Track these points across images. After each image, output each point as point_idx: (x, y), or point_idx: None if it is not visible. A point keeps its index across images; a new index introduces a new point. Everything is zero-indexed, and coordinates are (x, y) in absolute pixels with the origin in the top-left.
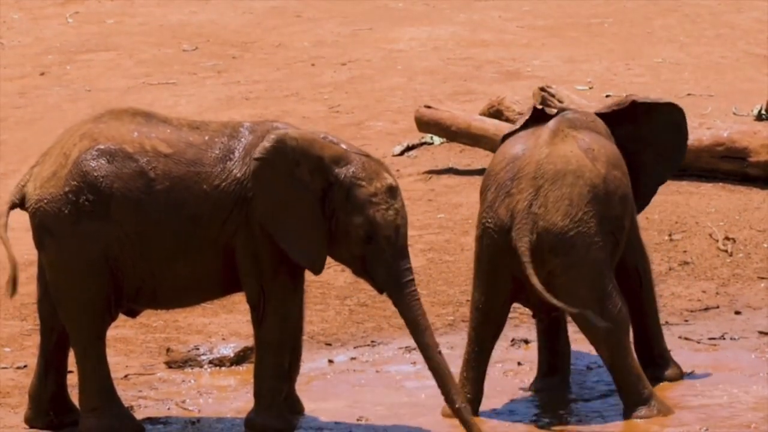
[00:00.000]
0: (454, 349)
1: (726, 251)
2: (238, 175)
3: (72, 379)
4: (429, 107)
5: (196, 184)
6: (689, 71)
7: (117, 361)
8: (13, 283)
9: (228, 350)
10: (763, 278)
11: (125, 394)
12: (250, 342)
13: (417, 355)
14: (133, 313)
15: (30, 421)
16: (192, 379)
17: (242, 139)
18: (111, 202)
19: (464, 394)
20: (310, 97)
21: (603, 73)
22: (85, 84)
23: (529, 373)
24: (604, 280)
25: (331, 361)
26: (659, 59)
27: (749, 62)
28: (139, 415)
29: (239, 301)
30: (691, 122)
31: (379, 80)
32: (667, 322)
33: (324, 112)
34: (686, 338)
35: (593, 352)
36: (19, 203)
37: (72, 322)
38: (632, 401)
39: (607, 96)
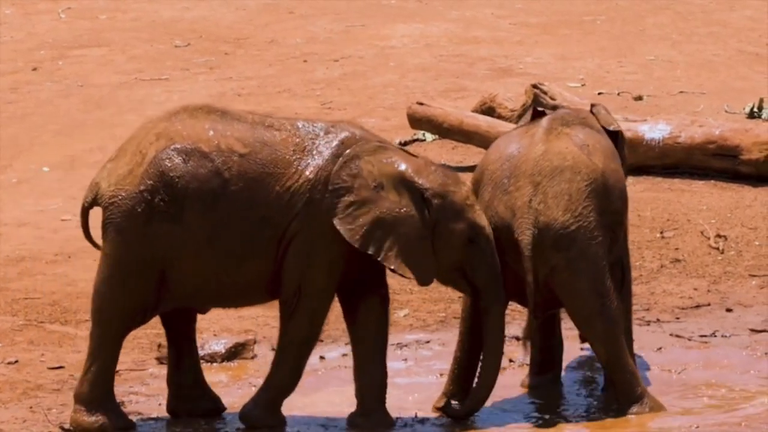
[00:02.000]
0: (445, 346)
1: (717, 249)
2: (310, 177)
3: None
4: (421, 104)
5: (269, 185)
6: (681, 69)
7: None
8: None
9: (219, 346)
10: (754, 276)
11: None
12: (241, 338)
13: (408, 352)
14: (202, 311)
15: (171, 409)
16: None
17: (315, 140)
18: (186, 202)
19: (456, 390)
20: (302, 93)
21: (595, 71)
22: (77, 79)
23: (520, 370)
24: (603, 275)
25: (322, 358)
26: (651, 57)
27: (741, 60)
28: (130, 410)
29: None
30: (683, 120)
31: (372, 77)
32: (658, 320)
33: (316, 108)
34: (677, 336)
35: (585, 348)
36: (92, 202)
37: (101, 314)
38: (626, 399)
39: (599, 93)
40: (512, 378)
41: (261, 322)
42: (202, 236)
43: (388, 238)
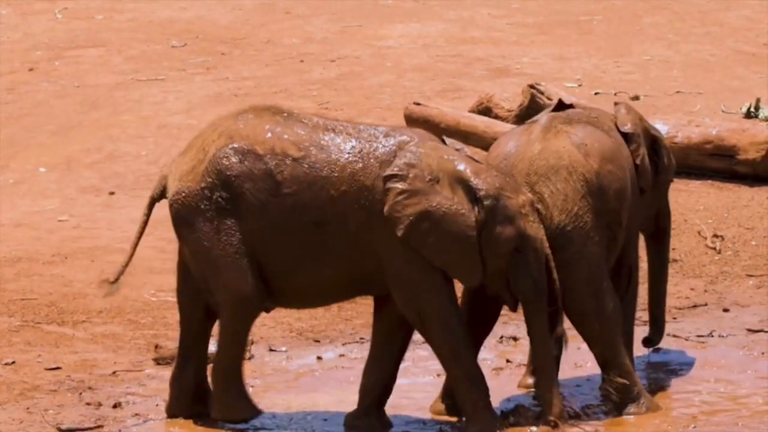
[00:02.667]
0: None
1: (714, 249)
2: (366, 182)
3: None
4: (418, 104)
5: (323, 189)
6: (678, 69)
7: (105, 358)
8: (114, 281)
9: (216, 347)
10: (751, 276)
11: (113, 390)
12: None
13: (406, 352)
14: (265, 309)
15: (171, 411)
16: None
17: (375, 144)
18: (241, 202)
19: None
20: (299, 93)
21: (592, 71)
22: (73, 80)
23: (517, 371)
24: (600, 275)
25: (319, 358)
26: (648, 57)
27: (738, 60)
28: (127, 411)
29: None
30: (680, 120)
31: (369, 77)
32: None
33: (313, 108)
34: (675, 335)
35: (583, 348)
36: (159, 195)
37: (225, 307)
38: (622, 399)
39: (596, 93)
40: (509, 379)
41: (257, 323)
42: (258, 237)
43: (434, 232)
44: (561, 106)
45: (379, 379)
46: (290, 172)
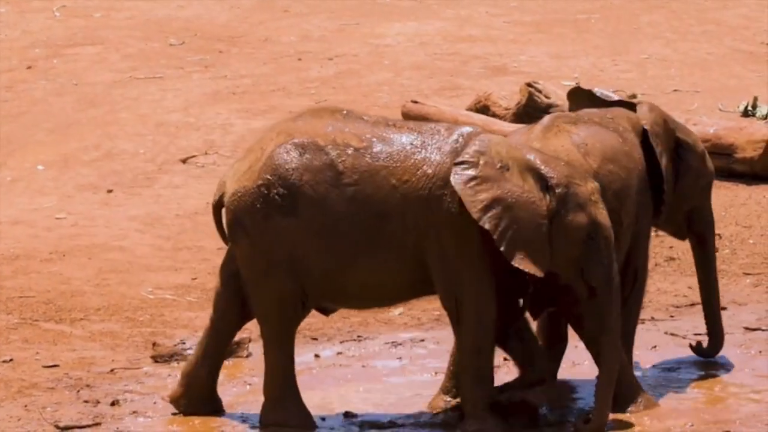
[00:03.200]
0: (440, 344)
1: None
2: (429, 172)
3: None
4: (416, 102)
5: (384, 179)
6: (675, 67)
7: (103, 355)
8: None
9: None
10: (748, 274)
11: (111, 388)
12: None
13: (403, 350)
14: (325, 311)
15: (182, 407)
16: (178, 373)
17: (437, 137)
18: (300, 196)
19: (450, 386)
20: (296, 91)
21: (589, 69)
22: (71, 78)
23: (514, 369)
24: None
25: (317, 356)
26: (646, 55)
27: (735, 59)
28: (125, 409)
29: None
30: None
31: (366, 75)
32: (653, 318)
33: (311, 107)
34: (672, 334)
35: (580, 347)
36: (219, 200)
37: (262, 316)
38: (618, 397)
39: None
40: (506, 377)
41: (256, 321)
42: (317, 230)
43: (505, 218)
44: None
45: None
46: (352, 162)
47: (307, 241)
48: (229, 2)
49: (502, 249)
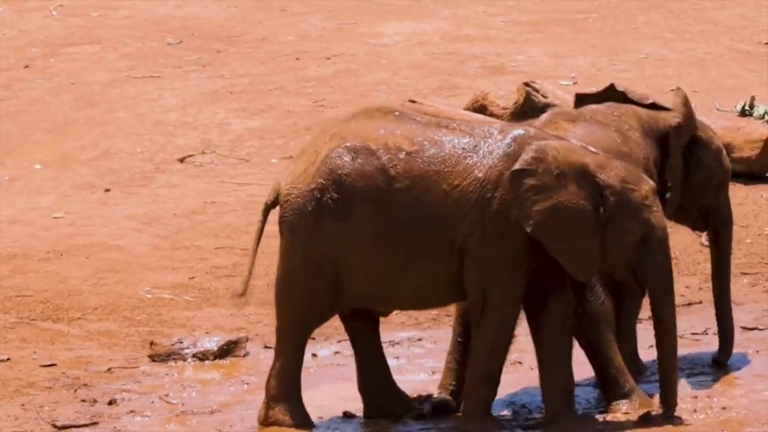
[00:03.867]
0: (437, 343)
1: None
2: (480, 175)
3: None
4: (413, 102)
5: (436, 183)
6: (673, 67)
7: (100, 354)
8: (242, 293)
9: (212, 344)
10: (745, 274)
11: (109, 387)
12: (233, 336)
13: (400, 350)
14: (383, 314)
15: (366, 414)
16: (175, 372)
17: (489, 140)
18: (353, 200)
19: (447, 384)
20: (294, 91)
21: (587, 69)
22: (69, 77)
23: (512, 368)
24: None
25: (314, 355)
26: (643, 55)
27: (733, 58)
28: (122, 408)
29: (223, 294)
30: None
31: (364, 75)
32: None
33: (308, 106)
34: None
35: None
36: (273, 202)
37: (285, 314)
38: (613, 395)
39: None
40: (504, 376)
41: (253, 320)
42: (369, 234)
43: (561, 227)
44: (612, 90)
45: (555, 383)
46: (404, 167)
47: (358, 244)
48: (226, 1)
49: (555, 256)
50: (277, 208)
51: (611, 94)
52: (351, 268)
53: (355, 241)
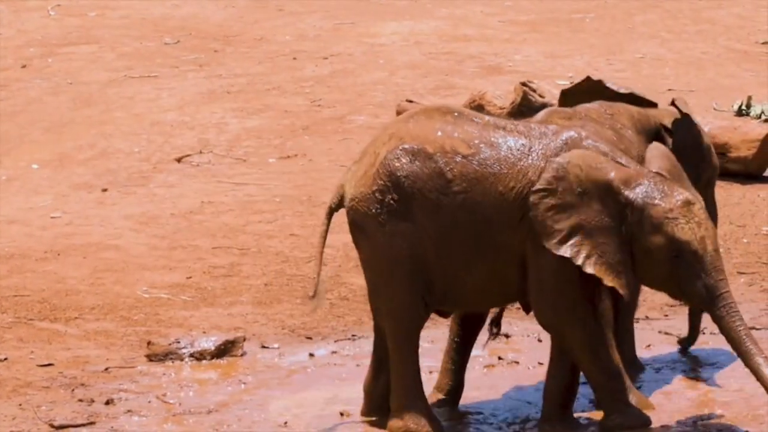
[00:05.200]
0: (434, 343)
1: None
2: (533, 178)
3: None
4: (411, 101)
5: (492, 186)
6: (670, 67)
7: (98, 354)
8: (314, 295)
9: (209, 344)
10: (742, 273)
11: (106, 386)
12: (230, 335)
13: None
14: (444, 314)
15: (366, 416)
16: (172, 372)
17: (543, 141)
18: (413, 202)
19: (444, 384)
20: (291, 90)
21: (584, 68)
22: (66, 77)
23: (509, 368)
24: None
25: (311, 355)
26: (640, 55)
27: (730, 58)
28: (119, 408)
29: (220, 294)
30: None
31: (361, 74)
32: (647, 317)
33: (306, 106)
34: (666, 333)
35: None
36: (338, 205)
37: (387, 319)
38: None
39: None
40: (502, 376)
41: (250, 320)
42: (431, 236)
43: (587, 244)
44: (589, 81)
45: (555, 383)
46: (460, 170)
47: (424, 245)
48: (224, 1)
49: (588, 271)
50: (342, 210)
51: (590, 86)
52: (424, 266)
53: (421, 241)
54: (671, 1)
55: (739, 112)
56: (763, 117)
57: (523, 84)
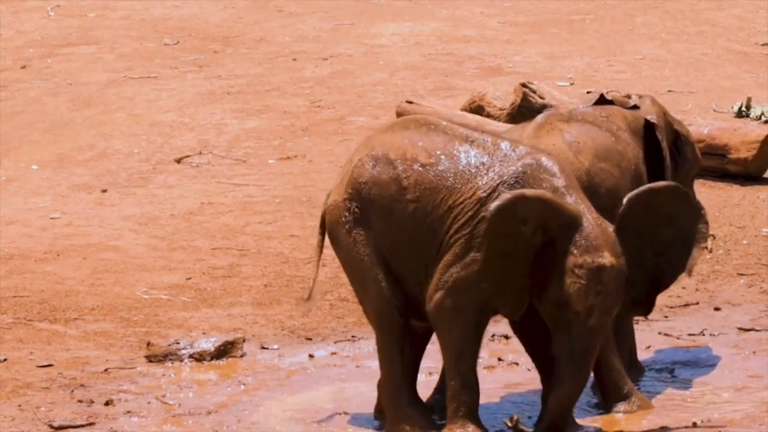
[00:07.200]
0: (434, 345)
1: (706, 247)
2: (482, 195)
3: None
4: (410, 102)
5: (443, 199)
6: (670, 68)
7: (97, 355)
8: (308, 298)
9: (208, 344)
10: (742, 275)
11: (105, 387)
12: (230, 336)
13: None
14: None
15: (378, 411)
16: (172, 373)
17: (504, 163)
18: (371, 208)
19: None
20: (291, 91)
21: (584, 70)
22: (66, 77)
23: (509, 369)
24: None
25: (311, 356)
26: (640, 56)
27: (730, 59)
28: (119, 409)
29: (220, 295)
30: None
31: (361, 75)
32: (647, 318)
33: (305, 107)
34: (666, 334)
35: None
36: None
37: (370, 322)
38: (612, 397)
39: (588, 92)
40: (501, 376)
41: (250, 321)
42: (386, 243)
43: (497, 266)
44: (602, 100)
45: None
46: (416, 178)
47: (384, 252)
48: (223, 2)
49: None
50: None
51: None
52: (392, 272)
53: (382, 248)
54: (671, 2)
55: (739, 114)
56: (763, 118)
57: (523, 85)
